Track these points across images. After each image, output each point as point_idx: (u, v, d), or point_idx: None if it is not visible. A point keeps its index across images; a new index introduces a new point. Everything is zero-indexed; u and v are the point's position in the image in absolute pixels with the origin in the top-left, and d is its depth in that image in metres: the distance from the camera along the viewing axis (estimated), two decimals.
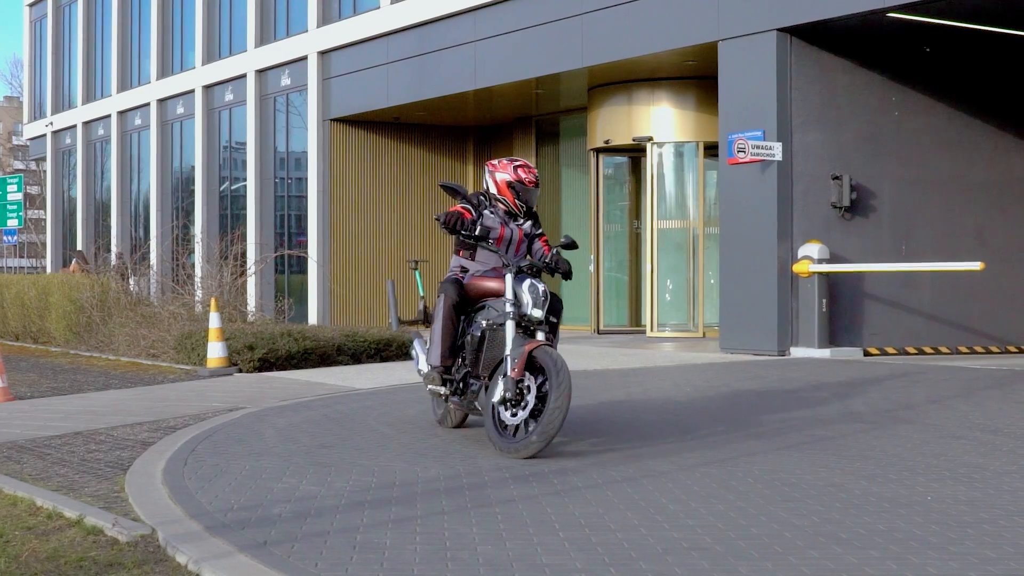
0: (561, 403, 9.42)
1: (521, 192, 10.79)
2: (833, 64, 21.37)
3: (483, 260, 10.80)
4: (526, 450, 9.53)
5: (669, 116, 26.09)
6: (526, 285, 10.12)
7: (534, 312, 10.04)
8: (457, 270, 10.89)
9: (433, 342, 10.69)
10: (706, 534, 7.00)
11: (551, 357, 9.66)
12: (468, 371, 10.52)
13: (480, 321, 10.39)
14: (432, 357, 10.71)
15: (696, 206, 25.91)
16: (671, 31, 22.71)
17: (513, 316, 10.02)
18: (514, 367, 9.75)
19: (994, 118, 23.11)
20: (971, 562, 6.37)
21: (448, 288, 10.68)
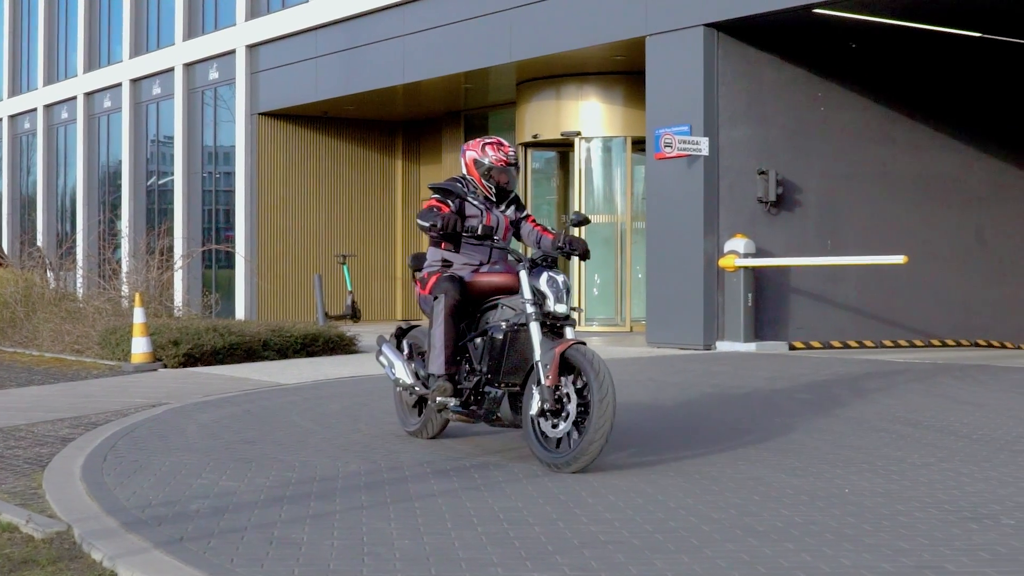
0: (607, 407, 8.55)
1: (493, 172, 9.92)
2: (760, 60, 21.47)
3: (469, 252, 9.94)
4: (576, 463, 8.65)
5: (597, 111, 26.12)
6: (544, 279, 9.21)
7: (558, 308, 9.16)
8: (438, 265, 10.03)
9: (434, 347, 9.68)
10: (624, 528, 7.02)
11: (586, 356, 8.78)
12: (481, 378, 9.51)
13: (499, 323, 9.38)
14: (434, 365, 9.67)
15: (624, 201, 25.97)
16: (599, 26, 22.74)
17: (536, 316, 9.12)
18: (547, 374, 8.85)
19: (919, 114, 23.28)
20: (885, 553, 6.42)
21: (448, 287, 9.70)
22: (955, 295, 23.75)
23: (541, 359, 8.93)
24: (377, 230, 32.68)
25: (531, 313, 9.12)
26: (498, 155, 9.93)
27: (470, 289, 9.77)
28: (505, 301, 9.53)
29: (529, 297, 9.18)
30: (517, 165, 10.07)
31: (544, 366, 8.88)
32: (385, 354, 10.59)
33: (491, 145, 10.00)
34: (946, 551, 6.46)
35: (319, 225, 31.93)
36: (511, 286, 9.69)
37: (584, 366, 8.71)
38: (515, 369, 9.27)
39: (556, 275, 9.24)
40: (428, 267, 10.12)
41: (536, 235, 10.01)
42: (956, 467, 9.06)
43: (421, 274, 10.19)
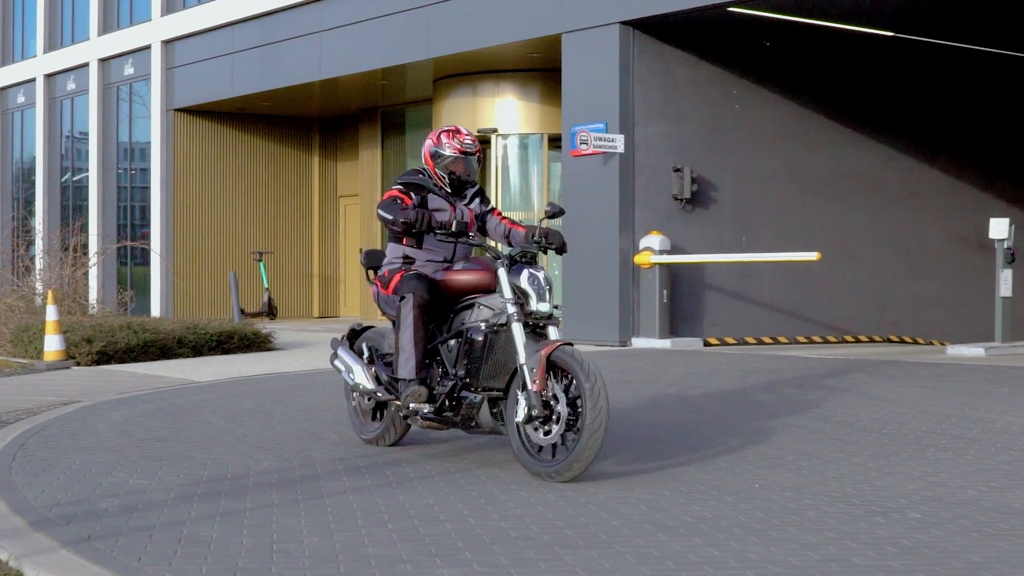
0: (600, 411, 8.08)
1: (449, 162, 9.35)
2: (675, 57, 21.56)
3: (432, 247, 9.35)
4: (570, 471, 8.20)
5: (514, 108, 26.14)
6: (524, 277, 8.63)
7: (541, 307, 8.59)
8: (399, 262, 9.43)
9: (403, 350, 9.04)
10: (534, 523, 7.04)
11: (575, 358, 8.26)
12: (457, 383, 8.95)
13: (478, 324, 8.83)
14: (404, 369, 9.04)
15: (540, 198, 25.99)
16: (515, 23, 22.76)
17: (519, 317, 8.57)
18: (534, 379, 8.32)
19: (833, 112, 23.47)
20: (792, 547, 6.48)
21: (415, 285, 9.08)
22: (868, 291, 23.97)
23: (526, 362, 8.42)
24: (293, 227, 32.54)
25: (513, 313, 8.60)
26: (452, 143, 9.39)
27: (442, 288, 9.19)
28: (482, 300, 8.95)
29: (510, 296, 8.66)
30: (476, 154, 9.51)
31: (530, 370, 8.37)
32: (342, 358, 9.94)
33: (447, 133, 9.50)
34: (852, 544, 6.53)
35: (235, 222, 31.75)
36: (487, 284, 9.06)
37: (573, 368, 8.22)
38: (495, 373, 8.75)
39: (537, 271, 8.70)
40: (388, 264, 9.54)
41: (504, 229, 9.52)
42: (865, 462, 9.15)
43: (380, 272, 9.59)
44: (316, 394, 13.66)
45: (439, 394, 9.04)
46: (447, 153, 9.38)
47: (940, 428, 10.78)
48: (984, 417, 11.37)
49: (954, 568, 6.06)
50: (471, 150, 9.45)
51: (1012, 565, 6.11)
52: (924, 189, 24.84)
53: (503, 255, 8.84)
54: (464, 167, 9.42)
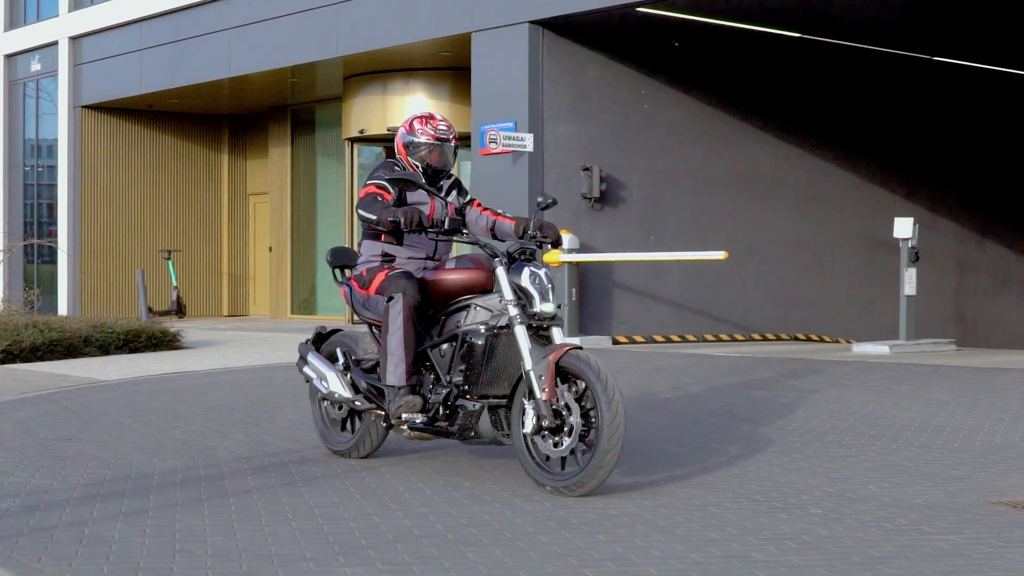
0: (617, 419, 7.58)
1: (422, 150, 8.78)
2: (585, 57, 21.63)
3: (414, 244, 8.78)
4: (587, 485, 7.68)
5: (424, 106, 26.04)
6: (526, 275, 8.10)
7: (544, 307, 8.07)
8: (378, 260, 8.84)
9: (391, 356, 8.41)
10: (439, 521, 7.06)
11: (587, 363, 7.74)
12: (452, 390, 8.37)
13: (476, 327, 8.28)
14: (392, 376, 8.41)
15: None
16: (425, 22, 22.75)
17: (522, 319, 8.04)
18: (543, 386, 7.78)
19: (740, 112, 23.64)
20: (694, 544, 6.53)
21: (405, 285, 8.44)
22: (775, 290, 24.16)
23: (534, 368, 7.87)
24: (203, 225, 32.34)
25: (516, 315, 8.05)
26: (426, 130, 8.81)
27: (432, 288, 8.56)
28: (479, 301, 8.37)
29: (511, 297, 8.10)
30: (451, 140, 8.90)
31: (539, 377, 7.82)
32: (313, 364, 9.27)
33: (419, 119, 8.91)
34: (754, 540, 6.60)
35: (143, 220, 31.50)
36: (482, 284, 8.44)
37: (586, 374, 7.69)
38: (494, 379, 8.20)
39: (538, 269, 8.18)
40: (366, 263, 8.90)
41: (487, 221, 8.97)
42: (769, 459, 9.24)
43: (356, 271, 8.98)
44: (223, 393, 13.60)
45: (433, 403, 8.43)
46: (421, 141, 8.81)
47: (843, 425, 10.90)
48: (886, 414, 11.50)
49: (853, 563, 6.13)
50: (446, 136, 8.88)
51: (910, 560, 6.19)
52: (830, 189, 25.07)
53: (501, 252, 8.27)
54: (439, 156, 8.85)
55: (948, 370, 15.58)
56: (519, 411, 8.02)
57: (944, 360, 17.23)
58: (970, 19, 21.97)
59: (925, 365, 16.25)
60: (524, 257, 8.26)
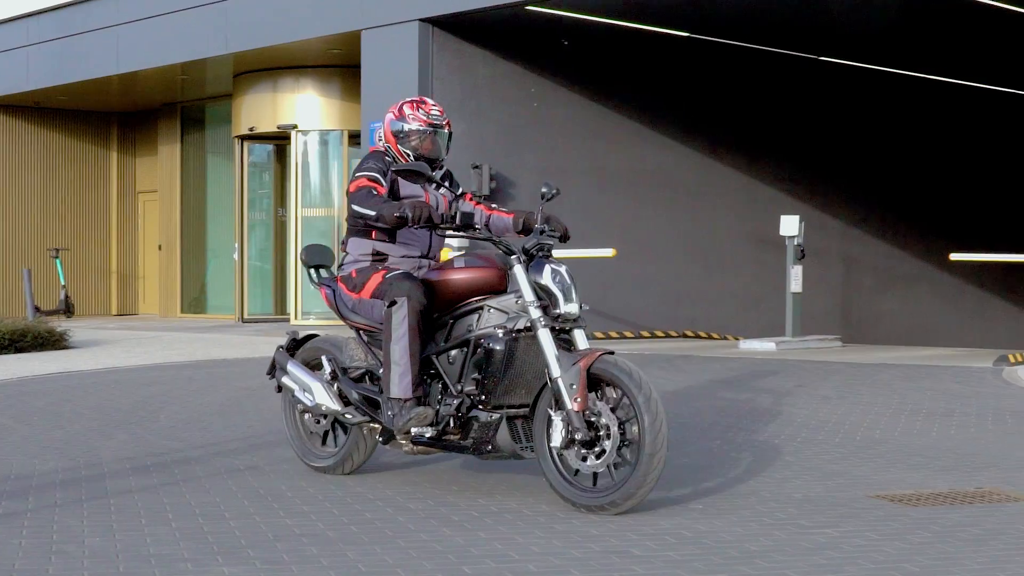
0: (660, 432, 7.05)
1: (412, 138, 8.11)
2: (475, 55, 21.66)
3: (408, 240, 8.10)
4: (625, 503, 7.13)
5: (314, 104, 26.05)
6: (547, 273, 7.49)
7: (569, 308, 7.47)
8: (369, 259, 8.12)
9: (395, 365, 7.69)
10: (320, 520, 7.05)
11: (623, 369, 7.18)
12: (465, 400, 7.67)
13: (494, 331, 7.57)
14: (397, 387, 7.69)
15: (340, 194, 25.95)
16: (315, 19, 22.67)
17: (546, 322, 7.44)
18: (574, 396, 7.17)
19: (630, 110, 23.76)
20: (574, 540, 6.58)
21: (410, 288, 7.70)
22: (664, 287, 24.30)
23: (562, 376, 7.25)
24: (91, 223, 31.98)
25: (539, 318, 7.42)
26: (417, 115, 8.16)
27: (439, 289, 7.83)
28: (492, 303, 7.70)
29: (532, 298, 7.48)
30: (445, 127, 8.27)
31: (569, 386, 7.20)
32: (294, 375, 8.56)
33: (410, 104, 8.25)
34: (633, 536, 6.65)
35: (30, 218, 31.08)
36: (493, 284, 7.76)
37: (623, 381, 7.13)
38: (513, 388, 7.59)
39: (559, 267, 7.57)
40: (355, 263, 8.17)
41: (480, 215, 8.36)
42: None
43: (344, 272, 8.26)
44: (108, 393, 13.47)
45: (444, 415, 7.71)
46: (412, 128, 8.14)
47: (727, 420, 11.01)
48: (771, 409, 11.63)
49: (730, 557, 6.21)
50: (440, 123, 8.23)
51: (786, 554, 6.28)
52: (718, 187, 25.26)
53: (518, 250, 7.65)
54: (432, 144, 8.17)
55: (832, 366, 15.77)
56: (543, 422, 7.40)
57: (829, 356, 17.44)
58: (855, 20, 22.24)
59: (810, 361, 16.43)
60: (542, 254, 7.66)
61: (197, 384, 14.24)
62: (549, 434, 7.34)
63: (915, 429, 10.62)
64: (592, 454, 7.21)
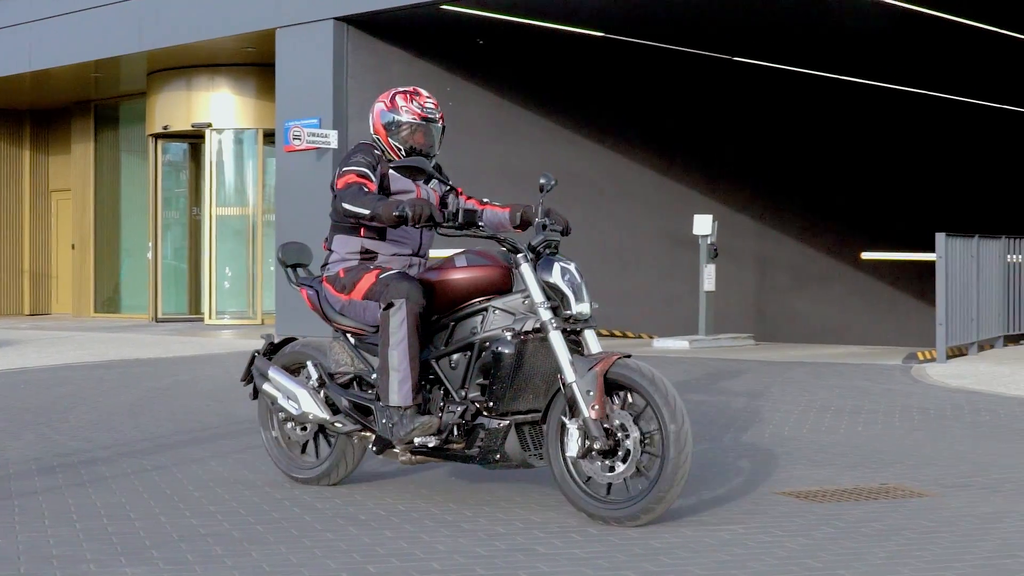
0: (685, 440, 6.69)
1: (404, 131, 7.67)
2: (390, 54, 21.64)
3: (398, 238, 7.68)
4: (648, 514, 6.77)
5: (229, 103, 25.93)
6: (557, 272, 7.13)
7: (580, 309, 7.08)
8: (357, 258, 7.71)
9: (394, 371, 7.28)
10: (226, 520, 7.03)
11: (642, 374, 6.81)
12: (469, 407, 7.25)
13: (502, 333, 7.17)
14: (396, 394, 7.28)
15: (255, 193, 25.87)
16: (230, 17, 22.58)
17: (557, 324, 7.05)
18: (591, 403, 6.80)
19: (544, 109, 23.81)
20: (480, 538, 6.59)
21: (408, 289, 7.31)
22: None
23: (577, 381, 6.87)
24: (3, 222, 31.60)
25: (549, 320, 7.04)
26: (411, 107, 7.71)
27: (437, 291, 7.44)
28: (497, 303, 7.31)
29: (542, 299, 7.09)
30: (439, 120, 7.79)
31: (585, 392, 6.83)
32: (277, 382, 8.07)
33: (403, 95, 7.79)
34: (540, 534, 6.67)
35: None
36: (498, 284, 7.37)
37: (643, 386, 6.76)
38: (521, 393, 7.17)
39: (568, 264, 7.23)
40: (342, 262, 7.77)
41: (463, 205, 7.96)
42: None
43: (329, 271, 7.86)
44: (18, 393, 13.37)
45: (447, 423, 7.32)
46: (405, 119, 7.69)
47: None
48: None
49: (635, 554, 6.24)
50: (434, 116, 7.77)
51: (691, 550, 6.32)
52: (632, 186, 25.36)
53: (524, 247, 7.28)
54: (425, 138, 7.73)
55: (744, 364, 15.89)
56: (556, 430, 7.02)
57: (741, 354, 17.57)
58: (767, 22, 22.42)
59: (722, 359, 16.55)
60: (549, 251, 7.31)
61: (108, 384, 14.15)
62: (564, 443, 6.95)
63: (823, 426, 10.72)
64: (614, 463, 6.85)
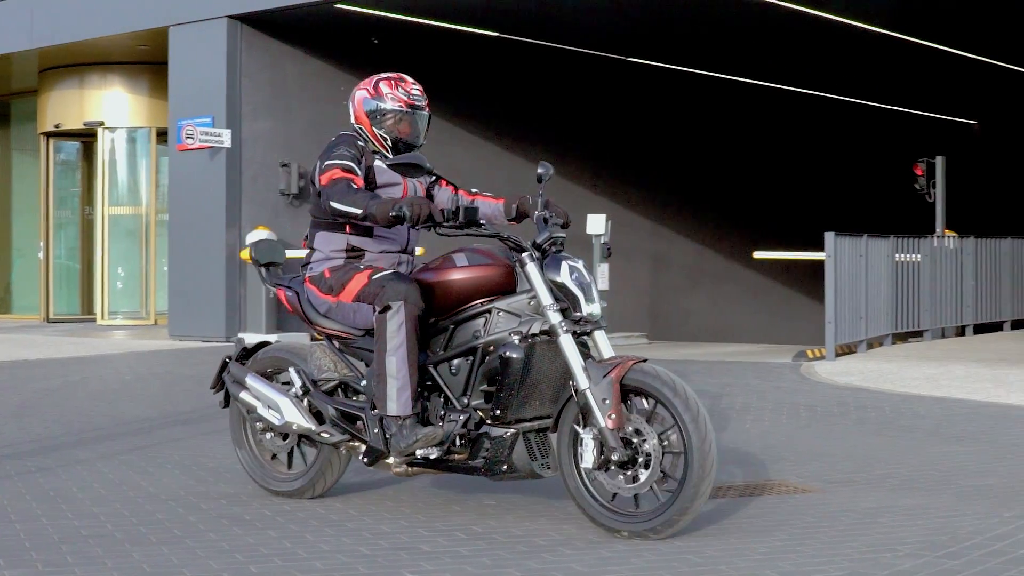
0: (709, 449, 6.34)
1: (389, 119, 7.26)
2: (284, 53, 21.58)
3: (386, 234, 7.20)
4: (672, 527, 6.41)
5: (122, 101, 25.73)
6: (564, 270, 6.67)
7: (591, 309, 6.64)
8: (342, 256, 7.23)
9: (391, 378, 6.82)
10: (108, 521, 6.97)
11: (662, 379, 6.42)
12: (472, 416, 6.84)
13: (509, 336, 6.74)
14: (394, 403, 6.81)
15: (148, 192, 25.69)
16: (122, 14, 22.41)
17: (568, 327, 6.63)
18: (608, 412, 6.40)
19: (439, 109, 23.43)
20: (364, 537, 6.60)
21: (406, 290, 6.86)
22: None
23: (591, 388, 6.46)
24: None
25: (559, 323, 6.62)
26: (396, 94, 7.28)
27: (437, 292, 6.97)
28: (500, 304, 6.87)
29: (550, 301, 6.66)
30: (425, 108, 7.33)
31: (601, 401, 6.43)
32: (256, 390, 7.54)
33: (387, 81, 7.35)
34: (424, 533, 6.68)
35: None
36: (500, 284, 6.92)
37: (661, 391, 6.39)
38: (528, 400, 6.78)
39: (576, 263, 6.76)
40: (326, 261, 7.28)
41: (462, 202, 7.47)
42: None
43: (312, 271, 7.34)
44: None
45: (449, 433, 6.86)
46: (389, 107, 7.27)
47: None
48: None
49: (519, 552, 6.26)
50: (420, 103, 7.32)
51: (574, 547, 6.34)
52: (527, 186, 25.26)
53: (529, 245, 6.82)
54: (411, 127, 7.30)
55: None
56: (569, 440, 6.65)
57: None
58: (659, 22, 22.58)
59: None
60: (555, 248, 6.83)
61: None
62: (578, 454, 6.58)
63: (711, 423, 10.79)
64: (637, 472, 6.47)
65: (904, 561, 5.99)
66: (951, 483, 8.10)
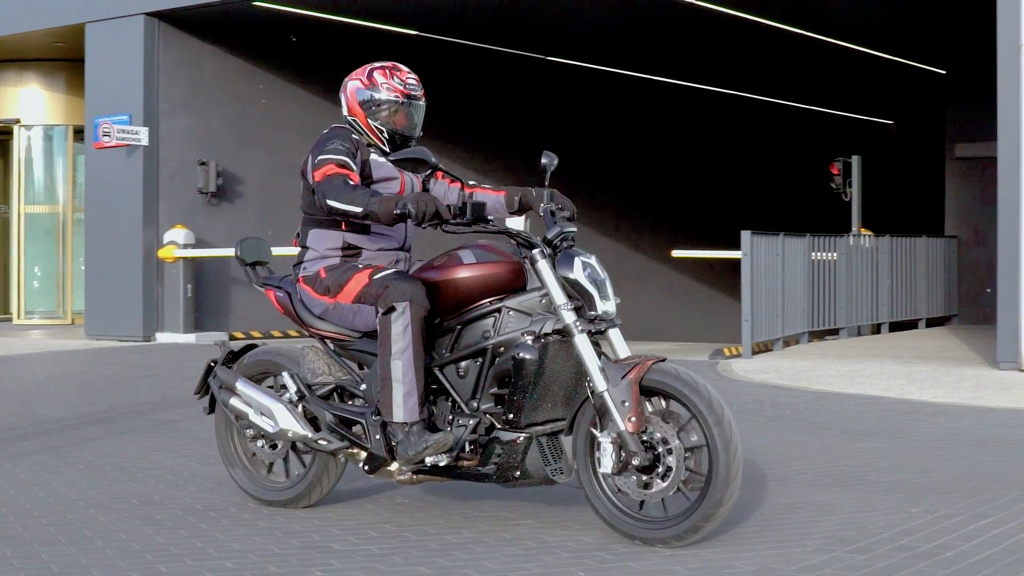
0: (735, 453, 6.08)
1: (385, 110, 6.97)
2: (202, 50, 21.46)
3: (384, 232, 6.92)
4: (701, 531, 6.17)
5: (39, 98, 25.51)
6: (578, 268, 6.37)
7: (606, 307, 6.37)
8: (338, 254, 6.93)
9: (396, 384, 6.51)
10: (17, 522, 6.93)
11: (683, 380, 6.16)
12: (482, 420, 6.55)
13: (522, 337, 6.44)
14: (400, 409, 6.50)
15: (65, 191, 25.50)
16: (38, 11, 22.23)
17: (581, 327, 6.34)
18: (627, 415, 6.13)
19: None
20: (276, 536, 6.59)
21: (411, 290, 6.57)
22: None
23: (609, 391, 6.20)
24: None
25: (574, 323, 6.34)
26: (392, 83, 7.01)
27: (443, 291, 6.66)
28: (510, 303, 6.57)
29: (563, 300, 6.37)
30: (422, 98, 7.13)
31: (620, 403, 6.16)
32: (248, 395, 7.23)
33: (382, 71, 7.06)
34: (335, 531, 6.68)
35: None
36: (508, 282, 6.61)
37: (683, 392, 6.12)
38: (541, 402, 6.48)
39: (589, 259, 6.46)
40: (321, 259, 6.97)
41: (459, 195, 7.22)
42: None
43: (306, 271, 7.03)
44: None
45: (460, 439, 6.58)
46: (385, 98, 6.98)
47: None
48: None
49: (430, 549, 6.27)
50: (416, 93, 7.09)
51: (486, 545, 6.36)
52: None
53: (539, 241, 6.51)
54: (406, 118, 7.02)
55: None
56: (585, 444, 6.41)
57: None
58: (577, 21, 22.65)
59: None
60: (567, 244, 6.54)
61: None
62: (596, 458, 6.33)
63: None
64: (651, 480, 6.22)
65: (813, 556, 6.05)
66: (862, 479, 8.18)
